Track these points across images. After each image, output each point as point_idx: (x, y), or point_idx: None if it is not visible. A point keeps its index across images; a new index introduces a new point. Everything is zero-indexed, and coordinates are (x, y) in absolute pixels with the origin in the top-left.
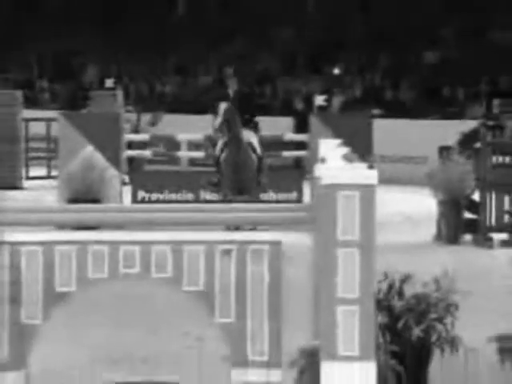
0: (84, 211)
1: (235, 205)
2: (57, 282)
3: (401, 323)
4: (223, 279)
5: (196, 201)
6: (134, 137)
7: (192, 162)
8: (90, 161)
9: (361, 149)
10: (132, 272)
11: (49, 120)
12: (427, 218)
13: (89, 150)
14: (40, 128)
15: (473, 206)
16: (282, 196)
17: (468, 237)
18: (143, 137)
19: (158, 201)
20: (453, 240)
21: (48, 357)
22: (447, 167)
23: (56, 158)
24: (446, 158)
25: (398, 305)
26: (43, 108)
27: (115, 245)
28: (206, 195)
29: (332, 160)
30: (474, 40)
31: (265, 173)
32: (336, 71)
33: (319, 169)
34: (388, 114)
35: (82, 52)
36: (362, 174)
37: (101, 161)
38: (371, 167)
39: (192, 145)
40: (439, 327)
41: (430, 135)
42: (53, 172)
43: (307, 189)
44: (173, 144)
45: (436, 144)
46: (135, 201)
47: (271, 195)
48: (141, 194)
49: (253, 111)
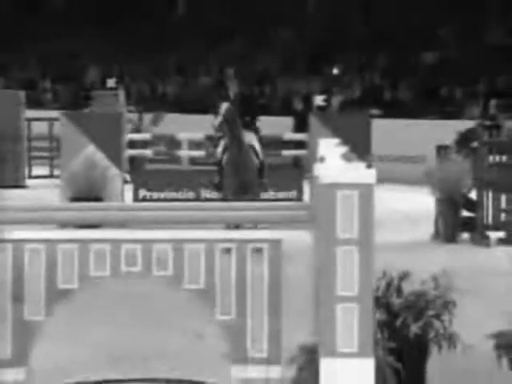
0: (86, 210)
1: (235, 203)
2: (59, 280)
3: (399, 320)
4: (223, 277)
5: (197, 199)
6: (136, 136)
7: (193, 161)
8: (92, 160)
9: (360, 148)
10: (133, 270)
11: (51, 120)
12: (425, 217)
13: (91, 150)
14: (43, 128)
15: (470, 205)
16: (282, 195)
17: (465, 235)
18: (145, 136)
19: (159, 199)
20: (450, 238)
21: (50, 354)
22: (445, 166)
23: (58, 158)
24: (444, 157)
25: (397, 302)
26: (46, 108)
27: (117, 243)
28: (207, 194)
29: (331, 159)
30: (472, 41)
31: (266, 175)
32: (335, 71)
33: (318, 168)
34: (387, 114)
35: (84, 52)
36: (361, 174)
37: (103, 160)
38: (370, 166)
39: (193, 144)
40: (437, 324)
41: (428, 135)
42: (55, 171)
43: (307, 188)
44: (174, 143)
45: (434, 143)
46: (136, 199)
47: (271, 194)
48: (142, 193)
49: (254, 113)
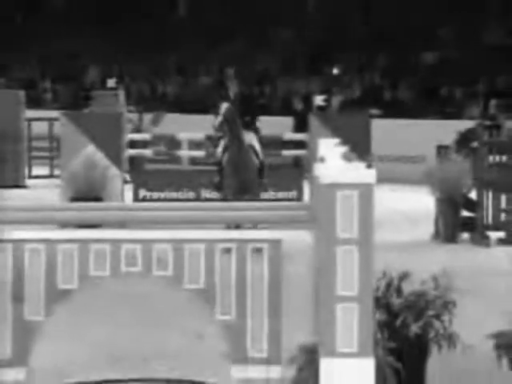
0: (86, 210)
1: (235, 203)
2: (59, 280)
3: (399, 320)
4: (223, 277)
5: (197, 199)
6: (136, 136)
7: (193, 161)
8: (92, 160)
9: (359, 148)
10: (133, 270)
11: (51, 120)
12: (425, 217)
13: (91, 150)
14: (43, 128)
15: (470, 205)
16: (282, 194)
17: (465, 235)
18: (145, 136)
19: (159, 199)
20: (450, 238)
21: (50, 354)
22: (445, 166)
23: (58, 157)
24: (444, 157)
25: (397, 302)
26: (46, 108)
27: (117, 243)
28: (207, 194)
29: (331, 159)
30: (472, 41)
31: (266, 175)
32: (335, 71)
33: (318, 168)
34: (387, 114)
35: (84, 52)
36: (361, 174)
37: (103, 160)
38: (370, 166)
39: (193, 144)
40: (437, 324)
41: (428, 135)
42: (55, 171)
43: (307, 187)
44: (174, 143)
45: (434, 143)
46: (136, 199)
47: (271, 194)
48: (142, 193)
49: (254, 113)
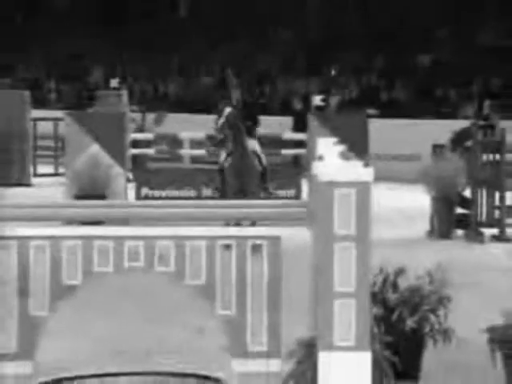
0: (90, 207)
1: (235, 201)
2: (63, 276)
3: (395, 315)
4: (224, 273)
5: (198, 197)
6: (139, 136)
7: (194, 160)
8: (96, 159)
9: (357, 147)
10: (136, 266)
11: (56, 119)
12: (420, 214)
13: (95, 149)
14: (48, 127)
15: (464, 202)
16: (281, 193)
17: (460, 232)
18: (147, 135)
19: (161, 197)
20: (445, 235)
21: (54, 348)
22: (440, 165)
23: (63, 156)
24: (439, 156)
25: (393, 297)
26: (50, 108)
27: (120, 240)
28: (208, 192)
29: (329, 158)
30: (467, 43)
31: (268, 180)
32: (333, 72)
33: (317, 166)
34: (384, 114)
35: (88, 53)
36: (359, 172)
37: (106, 159)
38: (367, 165)
39: (194, 143)
40: (432, 318)
41: (424, 134)
42: (60, 169)
43: (305, 186)
44: (176, 142)
45: (429, 143)
46: (139, 197)
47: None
48: (144, 191)
49: (255, 120)
